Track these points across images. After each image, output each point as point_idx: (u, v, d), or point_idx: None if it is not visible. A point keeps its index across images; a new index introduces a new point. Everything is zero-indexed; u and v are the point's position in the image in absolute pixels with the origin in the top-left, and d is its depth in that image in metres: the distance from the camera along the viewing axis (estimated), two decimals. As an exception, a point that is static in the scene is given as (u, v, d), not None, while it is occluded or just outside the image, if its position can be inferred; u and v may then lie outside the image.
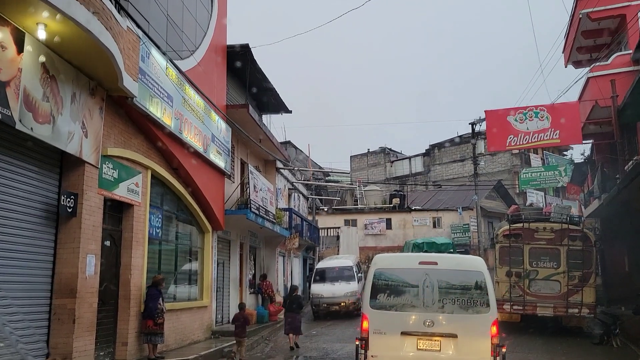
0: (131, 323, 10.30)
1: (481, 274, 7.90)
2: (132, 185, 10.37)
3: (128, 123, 10.30)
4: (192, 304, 13.58)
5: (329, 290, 20.16)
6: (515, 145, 17.48)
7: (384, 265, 8.28)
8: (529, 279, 15.44)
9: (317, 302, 20.30)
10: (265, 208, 17.68)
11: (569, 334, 15.47)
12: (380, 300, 7.93)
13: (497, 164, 43.41)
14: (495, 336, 7.52)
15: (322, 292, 20.13)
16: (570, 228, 15.29)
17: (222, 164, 14.80)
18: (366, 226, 38.81)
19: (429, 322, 7.62)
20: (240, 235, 18.22)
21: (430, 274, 7.87)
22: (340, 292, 19.91)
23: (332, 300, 19.76)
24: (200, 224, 14.42)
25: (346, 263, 22.07)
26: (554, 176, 27.56)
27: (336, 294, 19.92)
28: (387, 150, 54.73)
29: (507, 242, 15.65)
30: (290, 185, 25.74)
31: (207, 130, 13.63)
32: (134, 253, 10.46)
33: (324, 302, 19.96)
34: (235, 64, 16.93)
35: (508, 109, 17.37)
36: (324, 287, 20.30)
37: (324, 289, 20.25)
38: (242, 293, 18.70)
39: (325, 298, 20.08)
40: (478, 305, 7.71)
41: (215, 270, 15.59)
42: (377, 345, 7.73)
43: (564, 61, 22.25)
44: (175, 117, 11.57)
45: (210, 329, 14.73)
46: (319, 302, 20.12)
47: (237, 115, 16.12)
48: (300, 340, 15.42)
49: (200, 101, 13.20)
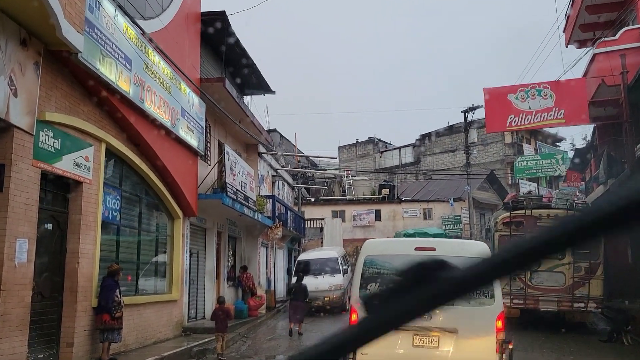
0: (79, 320, 8.83)
1: None
2: (81, 160, 8.87)
3: (74, 85, 8.79)
4: (158, 298, 12.13)
5: (312, 283, 18.73)
6: (516, 126, 16.17)
7: (375, 251, 7.36)
8: (531, 271, 14.17)
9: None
10: (245, 193, 16.23)
11: (572, 330, 14.24)
12: (371, 291, 6.95)
13: (490, 154, 42.24)
14: (501, 331, 6.69)
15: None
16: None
17: (194, 142, 13.31)
18: (354, 217, 37.47)
19: (426, 315, 6.39)
20: (217, 223, 16.76)
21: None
22: (324, 286, 18.73)
23: (315, 295, 18.33)
24: (169, 208, 12.94)
25: (331, 255, 20.83)
26: (550, 164, 26.34)
27: (319, 287, 18.61)
28: (376, 140, 53.36)
29: (507, 230, 14.40)
30: (274, 172, 24.27)
31: (176, 103, 12.13)
32: (83, 238, 8.98)
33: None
34: (211, 35, 15.41)
35: (509, 86, 16.03)
36: (306, 280, 18.99)
37: (306, 282, 18.94)
38: (219, 286, 17.26)
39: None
40: (482, 296, 6.82)
41: (188, 261, 14.13)
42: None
43: (565, 41, 20.99)
44: (135, 83, 10.06)
45: (180, 325, 13.29)
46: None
47: (213, 90, 14.62)
48: (282, 338, 14.32)
49: (168, 69, 11.69)
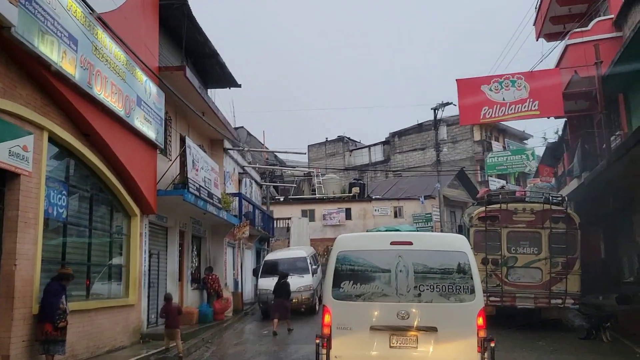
0: (16, 329, 7.85)
1: (464, 254, 6.72)
2: (18, 149, 7.89)
3: (10, 65, 7.81)
4: (112, 303, 11.15)
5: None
6: (490, 118, 15.73)
7: (348, 247, 6.95)
8: (507, 267, 13.75)
9: (265, 298, 17.70)
10: (209, 190, 15.33)
11: (549, 327, 13.87)
12: (345, 289, 6.66)
13: (459, 152, 42.19)
14: (482, 328, 6.41)
15: (270, 287, 17.67)
16: (552, 209, 13.65)
17: (152, 134, 12.37)
18: (324, 216, 36.83)
19: (403, 313, 6.46)
20: (180, 222, 15.81)
21: (405, 255, 6.67)
22: (292, 287, 17.75)
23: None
24: (125, 205, 11.97)
25: (299, 254, 19.87)
26: (520, 160, 26.19)
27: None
28: (345, 139, 52.87)
29: (483, 225, 13.90)
30: (241, 169, 23.37)
31: (131, 91, 11.18)
32: (22, 237, 7.99)
33: (272, 299, 17.71)
34: (171, 22, 14.51)
35: (482, 77, 15.58)
36: (273, 282, 18.04)
37: (272, 283, 17.94)
38: (182, 289, 16.31)
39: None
40: (461, 292, 6.56)
41: (147, 262, 13.17)
42: (342, 344, 6.51)
43: (535, 34, 20.74)
44: (82, 66, 9.11)
45: (138, 331, 12.32)
46: (267, 298, 17.43)
47: (173, 80, 13.68)
48: (250, 342, 13.66)
49: (121, 54, 10.73)
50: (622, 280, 16.93)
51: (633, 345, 11.45)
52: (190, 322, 14.75)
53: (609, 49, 15.06)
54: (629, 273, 16.86)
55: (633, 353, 10.95)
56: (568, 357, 10.84)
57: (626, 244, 17.14)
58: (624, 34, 14.96)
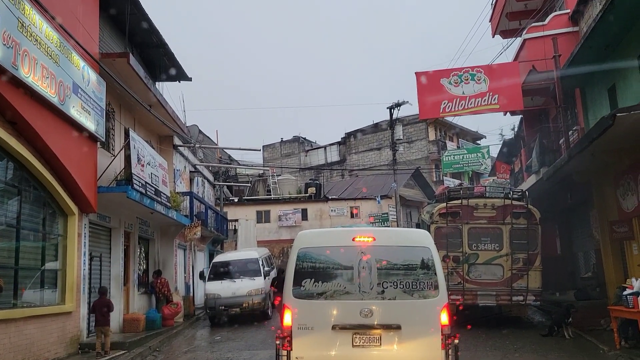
0: None
1: (428, 250, 6.60)
2: None
3: None
4: (45, 311, 10.06)
5: (228, 288, 16.56)
6: (450, 112, 15.40)
7: (309, 244, 6.73)
8: (469, 264, 13.41)
9: (213, 303, 16.39)
10: (156, 187, 14.34)
11: (511, 325, 13.62)
12: (306, 287, 6.43)
13: (415, 151, 42.26)
14: (446, 326, 6.29)
15: (219, 292, 16.52)
16: (513, 204, 13.41)
17: (91, 125, 11.33)
18: (280, 217, 36.07)
19: (366, 311, 6.28)
20: (125, 222, 14.72)
21: (367, 252, 6.51)
22: (242, 291, 16.39)
23: (232, 301, 16.17)
24: (60, 203, 10.88)
25: (250, 255, 18.45)
26: (476, 158, 26.22)
27: (237, 292, 16.34)
28: (301, 139, 52.27)
29: (444, 221, 13.52)
30: (193, 167, 22.33)
31: (66, 77, 10.14)
32: None
33: (221, 304, 16.25)
34: (113, 6, 13.45)
35: (442, 70, 15.24)
36: (222, 285, 16.68)
37: (221, 287, 16.62)
38: (128, 293, 15.22)
39: (223, 299, 16.29)
40: (425, 288, 6.45)
41: (87, 266, 12.08)
42: (303, 344, 6.30)
43: (491, 31, 20.70)
44: (5, 44, 8.08)
45: (77, 341, 11.26)
46: (215, 303, 16.30)
47: (116, 68, 12.68)
48: (201, 349, 12.77)
49: (54, 35, 9.70)
50: (579, 275, 16.97)
51: (595, 340, 11.25)
52: (136, 330, 13.73)
53: (565, 43, 15.03)
54: (586, 268, 16.92)
55: (596, 349, 10.72)
56: (533, 356, 10.49)
57: (582, 239, 17.22)
58: (580, 28, 14.96)
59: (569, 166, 12.94)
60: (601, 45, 12.34)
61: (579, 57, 13.21)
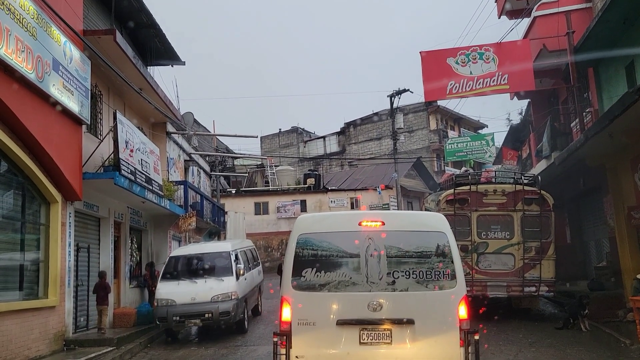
0: None
1: (444, 235, 5.94)
2: None
3: None
4: (24, 305, 9.35)
5: (186, 292, 12.14)
6: (456, 94, 14.60)
7: (310, 229, 6.03)
8: (478, 254, 12.69)
9: (165, 312, 11.86)
10: (147, 174, 13.57)
11: (523, 317, 12.92)
12: (307, 277, 5.78)
13: (416, 140, 41.51)
14: (464, 320, 5.67)
15: (173, 296, 12.08)
16: (525, 189, 12.68)
17: (74, 106, 10.55)
18: (279, 209, 35.37)
19: (375, 304, 5.68)
20: (115, 211, 13.98)
21: (376, 238, 5.85)
22: (204, 295, 12.03)
23: (190, 309, 11.81)
24: (41, 190, 10.13)
25: (220, 248, 13.83)
26: (480, 146, 25.45)
27: (198, 298, 11.98)
28: (299, 130, 51.49)
29: (452, 208, 12.78)
30: (187, 156, 21.55)
31: (45, 52, 9.36)
32: None
33: (175, 313, 11.82)
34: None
35: (448, 49, 14.45)
36: (178, 288, 12.29)
37: (177, 290, 12.23)
38: (119, 287, 14.51)
39: (178, 306, 11.88)
40: (441, 278, 5.80)
41: (73, 257, 11.37)
42: (304, 342, 5.68)
43: (497, 12, 19.88)
44: (-28, 10, 7.29)
45: (61, 338, 10.54)
46: (167, 312, 11.83)
47: (103, 48, 11.88)
48: (194, 344, 12.04)
49: (30, 5, 8.91)
50: (591, 265, 16.27)
51: (614, 333, 10.55)
52: (127, 325, 13.02)
53: (577, 20, 14.27)
54: (598, 258, 16.23)
55: (617, 342, 10.02)
56: (551, 350, 9.80)
57: (594, 227, 16.52)
58: (594, 3, 14.17)
59: (584, 149, 12.21)
60: (619, 19, 11.60)
61: (595, 32, 12.45)
